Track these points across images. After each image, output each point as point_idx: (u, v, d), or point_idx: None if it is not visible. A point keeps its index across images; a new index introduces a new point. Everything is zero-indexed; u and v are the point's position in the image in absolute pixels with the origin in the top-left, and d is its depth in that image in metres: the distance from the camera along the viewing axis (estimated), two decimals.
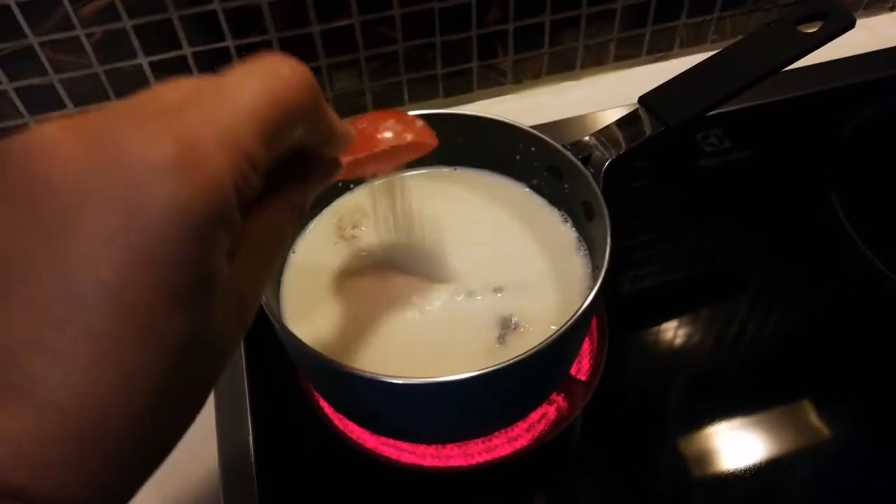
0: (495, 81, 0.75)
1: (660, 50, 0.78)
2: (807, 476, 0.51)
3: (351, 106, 0.72)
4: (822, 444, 0.52)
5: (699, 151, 0.69)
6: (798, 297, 0.61)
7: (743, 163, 0.68)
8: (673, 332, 0.58)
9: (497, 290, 0.51)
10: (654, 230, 0.65)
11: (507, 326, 0.49)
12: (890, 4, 0.84)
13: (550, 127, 0.71)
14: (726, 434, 0.52)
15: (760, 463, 0.51)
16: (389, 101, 0.73)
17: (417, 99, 0.74)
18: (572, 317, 0.42)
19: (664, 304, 0.61)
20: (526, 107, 0.76)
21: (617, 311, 0.58)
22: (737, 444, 0.52)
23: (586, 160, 0.52)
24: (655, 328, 0.59)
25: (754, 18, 0.79)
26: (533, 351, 0.41)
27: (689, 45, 0.79)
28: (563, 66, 0.76)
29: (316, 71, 0.68)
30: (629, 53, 0.77)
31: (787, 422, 0.53)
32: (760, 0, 0.77)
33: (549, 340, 0.41)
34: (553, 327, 0.49)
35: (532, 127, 0.70)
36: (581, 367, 0.55)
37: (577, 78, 0.78)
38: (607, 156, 0.52)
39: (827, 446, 0.52)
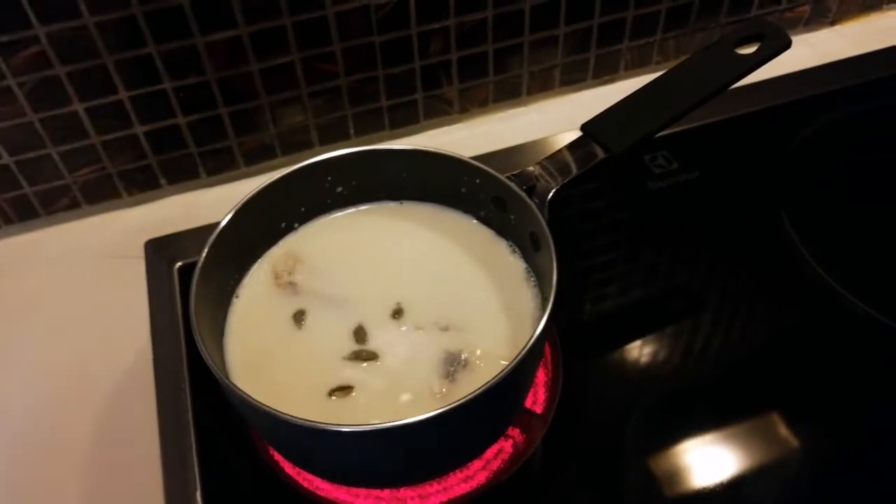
0: (442, 111, 0.75)
1: (606, 73, 0.78)
2: (771, 490, 0.51)
3: (297, 142, 0.71)
4: (785, 458, 0.52)
5: (648, 173, 0.69)
6: (751, 314, 0.60)
7: (691, 184, 0.68)
8: (628, 355, 0.58)
9: (445, 326, 0.50)
10: (604, 254, 0.64)
11: (456, 363, 0.48)
12: (830, 20, 0.85)
13: (499, 155, 0.70)
14: (687, 455, 0.52)
15: (724, 481, 0.50)
16: (335, 135, 0.72)
17: (363, 132, 0.73)
18: (520, 353, 0.42)
19: (617, 328, 0.60)
20: (474, 135, 0.75)
21: (570, 338, 0.57)
22: (699, 464, 0.51)
23: (531, 190, 0.51)
24: (610, 353, 0.58)
25: (697, 39, 0.79)
26: (480, 390, 0.40)
27: (634, 67, 0.79)
28: (510, 94, 0.76)
29: (258, 109, 0.67)
30: (575, 78, 0.77)
31: (748, 438, 0.53)
32: (702, 20, 0.77)
33: (497, 378, 0.41)
34: (503, 362, 0.48)
35: (480, 155, 0.70)
36: (537, 399, 0.54)
37: (524, 104, 0.77)
38: (552, 185, 0.51)
39: (790, 460, 0.52)
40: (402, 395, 0.47)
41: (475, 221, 0.56)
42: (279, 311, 0.52)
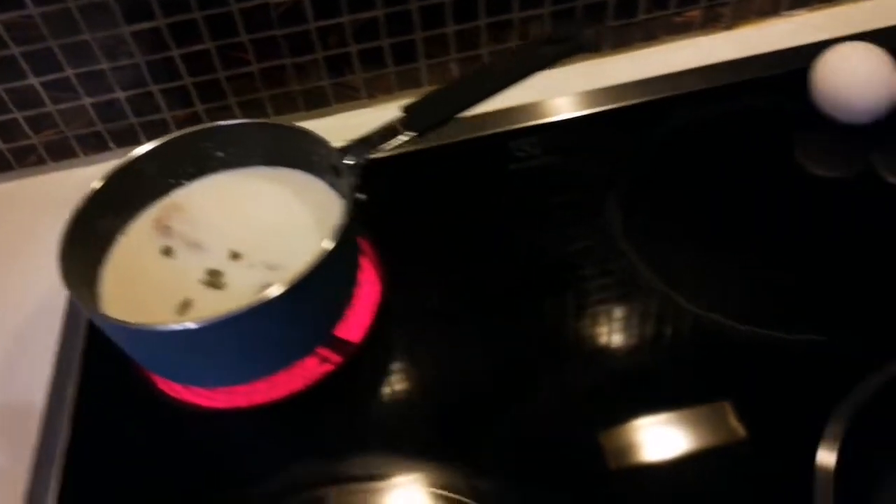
0: (351, 97, 0.87)
1: None
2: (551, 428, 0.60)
3: (221, 118, 0.84)
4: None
5: (510, 157, 0.79)
6: (562, 288, 0.68)
7: (544, 170, 0.77)
8: (443, 308, 0.68)
9: (273, 266, 0.62)
10: (443, 222, 0.74)
11: None
12: (725, 24, 0.92)
13: None
14: (474, 399, 0.61)
15: (506, 418, 0.60)
16: (254, 115, 0.85)
17: (280, 112, 0.85)
18: (290, 282, 0.54)
19: (438, 284, 0.70)
20: (380, 118, 0.86)
21: (395, 287, 0.68)
22: (482, 402, 0.61)
23: (352, 160, 0.63)
24: (427, 302, 0.68)
25: None
26: (252, 304, 0.53)
27: None
28: (412, 83, 0.87)
29: (182, 89, 0.81)
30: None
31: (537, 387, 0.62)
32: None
33: (272, 295, 0.53)
34: None
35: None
36: (357, 331, 0.65)
37: (426, 92, 0.88)
38: (365, 156, 0.63)
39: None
40: None
41: (325, 185, 0.68)
42: (152, 247, 0.65)
